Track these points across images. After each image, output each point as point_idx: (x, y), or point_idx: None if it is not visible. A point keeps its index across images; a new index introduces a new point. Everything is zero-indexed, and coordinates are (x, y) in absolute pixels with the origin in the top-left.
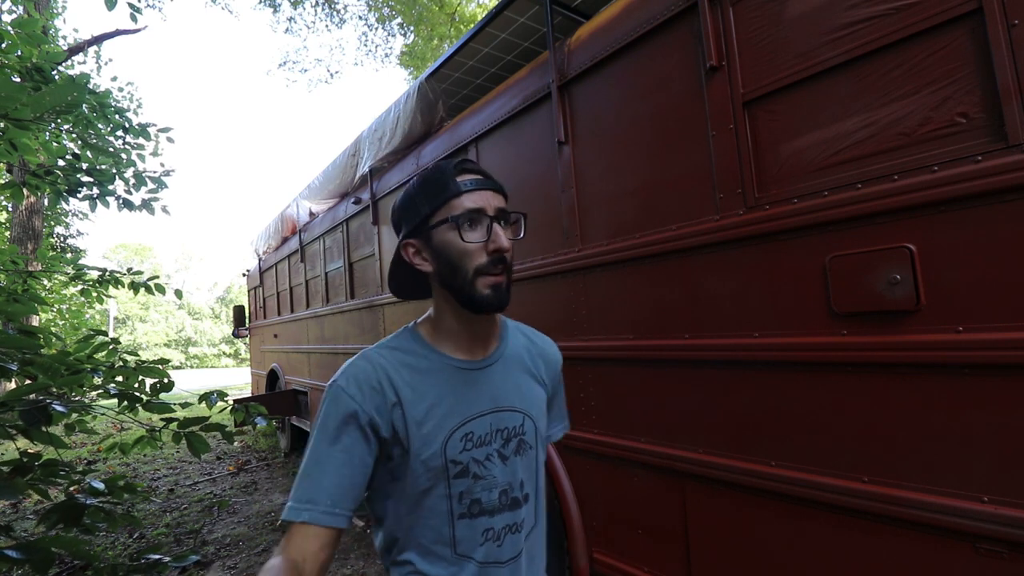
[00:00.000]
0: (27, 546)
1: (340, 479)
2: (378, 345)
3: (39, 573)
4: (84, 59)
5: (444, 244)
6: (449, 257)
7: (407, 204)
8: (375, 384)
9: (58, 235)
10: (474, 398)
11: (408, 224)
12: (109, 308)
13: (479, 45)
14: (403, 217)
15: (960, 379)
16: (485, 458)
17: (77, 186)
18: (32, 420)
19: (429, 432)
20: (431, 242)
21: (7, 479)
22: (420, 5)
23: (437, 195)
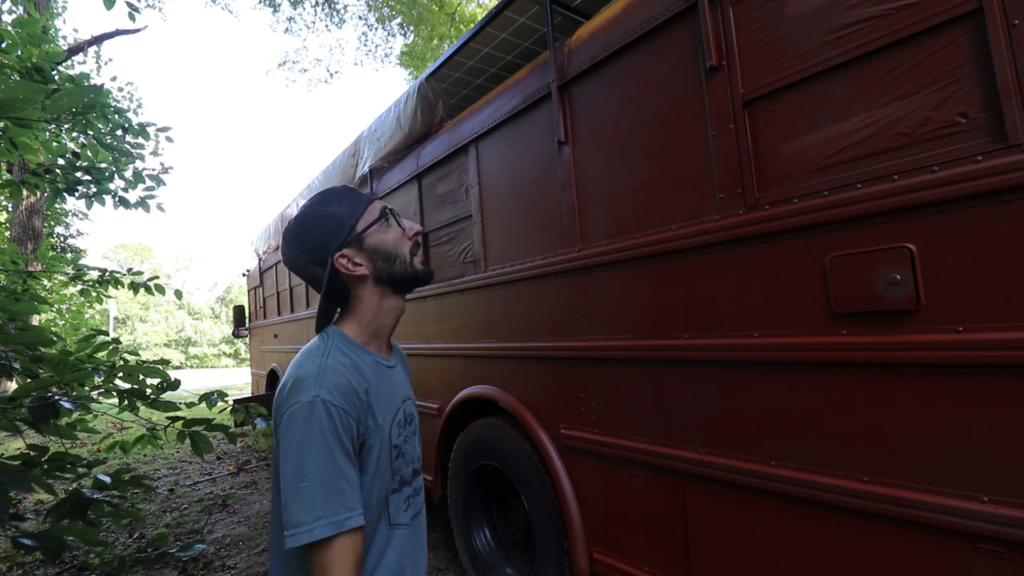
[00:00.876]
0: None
1: (353, 484)
2: (331, 351)
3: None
4: (84, 59)
5: (377, 243)
6: (386, 251)
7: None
8: (352, 391)
9: (58, 235)
10: (394, 390)
11: (333, 241)
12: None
13: (479, 45)
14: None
15: (960, 379)
16: (404, 440)
17: (75, 184)
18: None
19: (380, 424)
20: (363, 246)
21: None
22: (420, 5)
23: (354, 209)
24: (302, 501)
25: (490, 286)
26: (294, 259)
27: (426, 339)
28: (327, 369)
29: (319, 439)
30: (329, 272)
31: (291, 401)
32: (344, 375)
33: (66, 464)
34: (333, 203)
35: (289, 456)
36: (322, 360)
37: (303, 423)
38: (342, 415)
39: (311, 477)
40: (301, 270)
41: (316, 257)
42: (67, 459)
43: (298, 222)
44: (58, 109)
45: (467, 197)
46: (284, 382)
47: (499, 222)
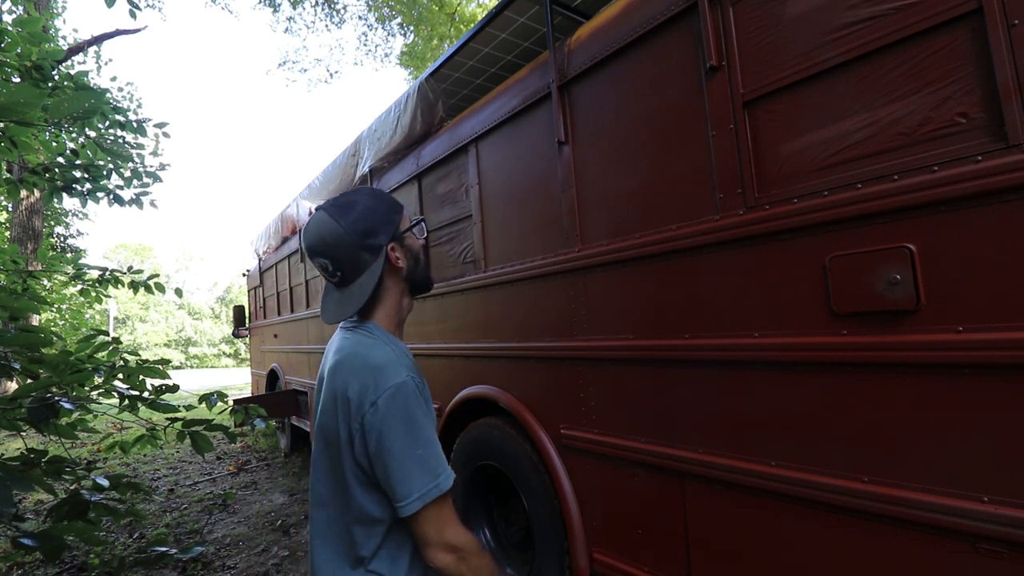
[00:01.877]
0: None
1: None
2: (387, 339)
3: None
4: (84, 59)
5: (411, 245)
6: (416, 253)
7: (380, 216)
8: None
9: (58, 235)
10: None
11: (387, 233)
12: (109, 308)
13: (479, 45)
14: (377, 228)
15: (960, 379)
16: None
17: (72, 183)
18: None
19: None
20: (404, 244)
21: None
22: (420, 5)
23: (398, 211)
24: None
25: (490, 286)
26: (344, 241)
27: (426, 339)
28: (398, 354)
29: (417, 414)
30: (383, 261)
31: (384, 386)
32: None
33: (65, 467)
34: (384, 200)
35: (396, 432)
36: (387, 348)
37: (403, 402)
38: (425, 390)
39: (423, 445)
40: (346, 252)
41: (370, 243)
42: (66, 462)
43: (356, 206)
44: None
45: (467, 197)
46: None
47: (499, 222)
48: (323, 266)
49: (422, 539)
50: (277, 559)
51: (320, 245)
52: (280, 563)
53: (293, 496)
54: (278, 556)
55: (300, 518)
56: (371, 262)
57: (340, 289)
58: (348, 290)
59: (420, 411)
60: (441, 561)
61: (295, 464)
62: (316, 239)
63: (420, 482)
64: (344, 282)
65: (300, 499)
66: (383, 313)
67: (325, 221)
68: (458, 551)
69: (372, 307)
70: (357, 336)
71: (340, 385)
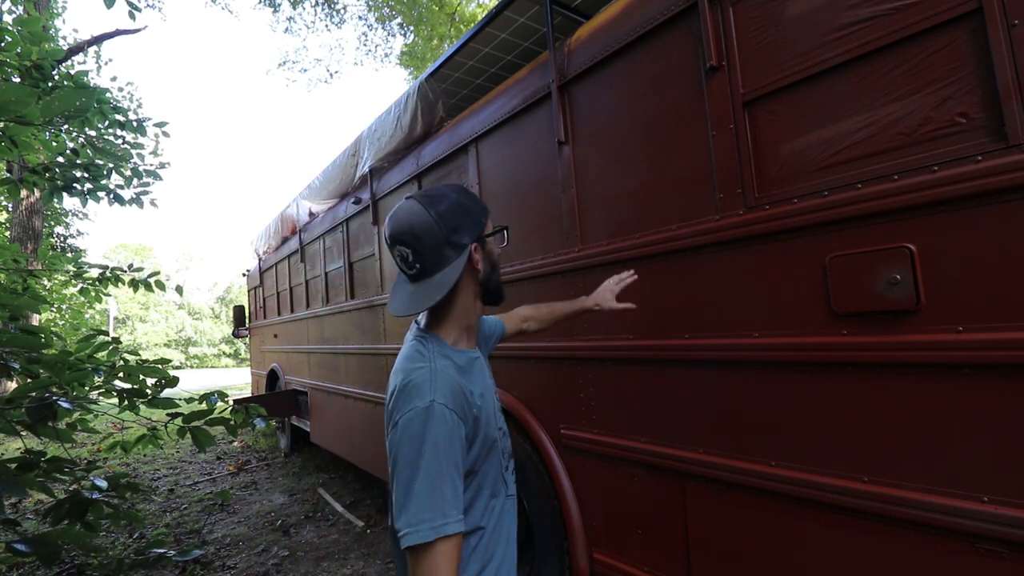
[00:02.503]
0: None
1: (456, 490)
2: (435, 355)
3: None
4: (84, 59)
5: (491, 250)
6: (494, 260)
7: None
8: (460, 392)
9: (58, 235)
10: (486, 376)
11: (473, 232)
12: (109, 308)
13: (479, 45)
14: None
15: (960, 379)
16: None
17: (72, 182)
18: (38, 416)
19: (486, 416)
20: (484, 247)
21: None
22: (420, 5)
23: (485, 213)
24: (410, 504)
25: None
26: (433, 231)
27: None
28: (437, 373)
29: (432, 445)
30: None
31: (408, 406)
32: (451, 377)
33: (64, 468)
34: (474, 199)
35: (405, 459)
36: (431, 365)
37: (420, 428)
38: (454, 418)
39: (420, 481)
40: (431, 243)
41: (455, 239)
42: (64, 463)
43: (448, 199)
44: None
45: None
46: (395, 387)
47: (499, 222)
48: (403, 255)
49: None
50: (277, 559)
51: (406, 233)
52: (280, 563)
53: (293, 496)
54: (278, 556)
55: (300, 518)
56: (453, 258)
57: (415, 282)
58: (424, 284)
59: (432, 445)
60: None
61: (295, 464)
62: (404, 226)
63: (415, 521)
64: (422, 275)
65: (300, 499)
66: (453, 316)
67: (416, 209)
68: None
69: (443, 308)
70: (413, 349)
71: (388, 392)
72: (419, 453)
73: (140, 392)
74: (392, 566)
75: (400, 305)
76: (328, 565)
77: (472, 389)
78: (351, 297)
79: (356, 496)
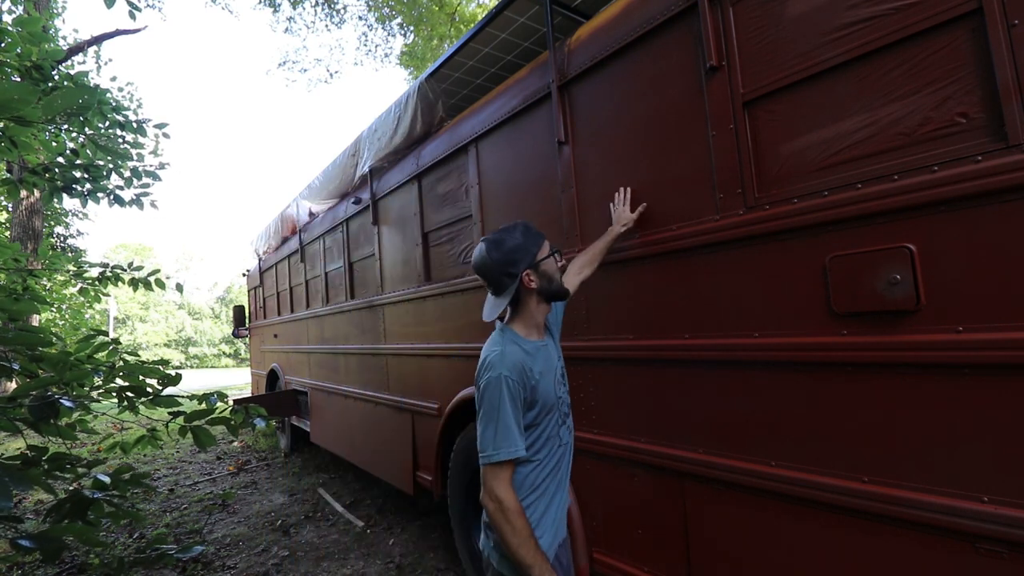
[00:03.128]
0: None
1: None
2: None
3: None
4: (84, 59)
5: (546, 269)
6: (550, 275)
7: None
8: (522, 369)
9: (58, 235)
10: (551, 359)
11: (526, 262)
12: (109, 308)
13: (479, 45)
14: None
15: (960, 379)
16: (563, 390)
17: (72, 182)
18: (41, 415)
19: (544, 387)
20: (539, 270)
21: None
22: (420, 5)
23: (536, 242)
24: (495, 440)
25: None
26: (491, 268)
27: (426, 339)
28: (505, 355)
29: (500, 400)
30: (517, 284)
31: (487, 375)
32: (518, 357)
33: (66, 464)
34: (529, 235)
35: (486, 411)
36: (502, 349)
37: (494, 391)
38: (514, 384)
39: (497, 423)
40: (493, 276)
41: (508, 271)
42: (67, 459)
43: (503, 245)
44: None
45: (467, 197)
46: (481, 361)
47: (499, 222)
48: (482, 282)
49: (482, 484)
50: (277, 559)
51: (479, 269)
52: (280, 563)
53: (293, 496)
54: (278, 556)
55: (300, 518)
56: (509, 284)
57: (492, 297)
58: (495, 299)
59: (500, 400)
60: (487, 506)
61: (295, 464)
62: (476, 265)
63: (487, 447)
64: (495, 292)
65: (300, 499)
66: (521, 317)
67: (481, 252)
68: (499, 504)
69: (515, 312)
70: (493, 337)
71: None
72: (494, 407)
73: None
74: (391, 566)
75: (485, 312)
76: (328, 565)
77: (533, 367)
78: (351, 297)
79: (356, 496)
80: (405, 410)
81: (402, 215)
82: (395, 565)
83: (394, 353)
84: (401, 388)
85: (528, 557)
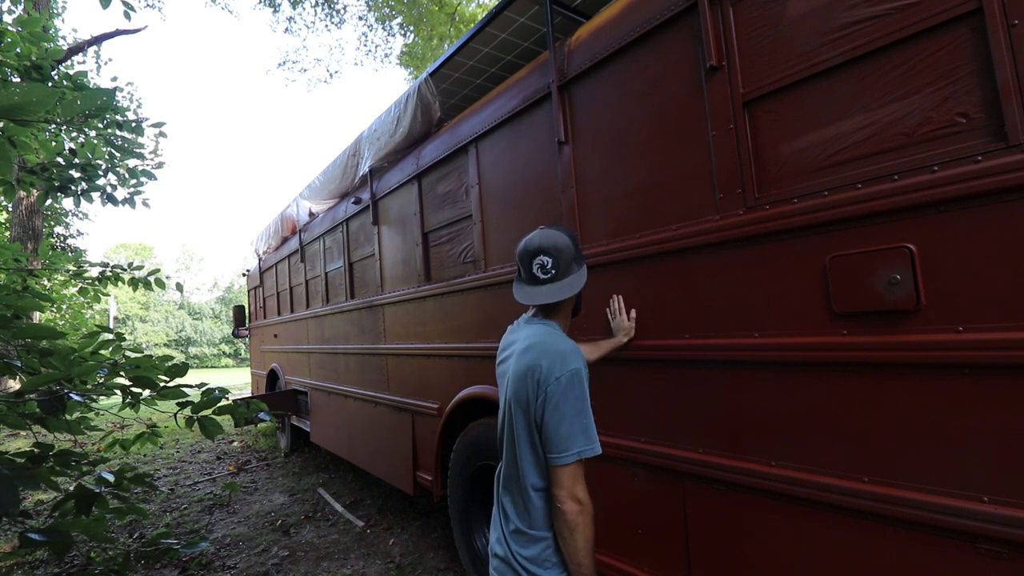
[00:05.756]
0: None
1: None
2: (567, 339)
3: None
4: (84, 59)
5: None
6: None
7: (580, 248)
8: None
9: (58, 235)
10: None
11: (584, 259)
12: (109, 307)
13: (479, 45)
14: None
15: (960, 379)
16: None
17: (68, 182)
18: (50, 409)
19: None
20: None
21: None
22: (420, 5)
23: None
24: (586, 433)
25: (490, 286)
26: (570, 248)
27: (426, 339)
28: (577, 348)
29: (585, 394)
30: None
31: (568, 366)
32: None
33: (71, 461)
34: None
35: (572, 403)
36: (571, 342)
37: (581, 383)
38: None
39: (587, 417)
40: (565, 257)
41: (579, 260)
42: (72, 456)
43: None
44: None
45: (467, 197)
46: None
47: (499, 222)
48: (543, 264)
49: (561, 485)
50: (277, 559)
51: (551, 247)
52: (280, 563)
53: (293, 496)
54: (278, 556)
55: (300, 518)
56: (576, 271)
57: (547, 284)
58: (557, 284)
59: (586, 393)
60: (568, 506)
61: (295, 464)
62: (550, 241)
63: (580, 442)
64: (555, 279)
65: (300, 499)
66: (562, 314)
67: (559, 233)
68: (581, 505)
69: (556, 310)
70: (547, 328)
71: (532, 361)
72: (581, 400)
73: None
74: (391, 566)
75: (532, 296)
76: (328, 565)
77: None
78: (351, 297)
79: (356, 496)
80: (405, 410)
81: (402, 215)
82: (395, 565)
83: (394, 353)
84: (401, 388)
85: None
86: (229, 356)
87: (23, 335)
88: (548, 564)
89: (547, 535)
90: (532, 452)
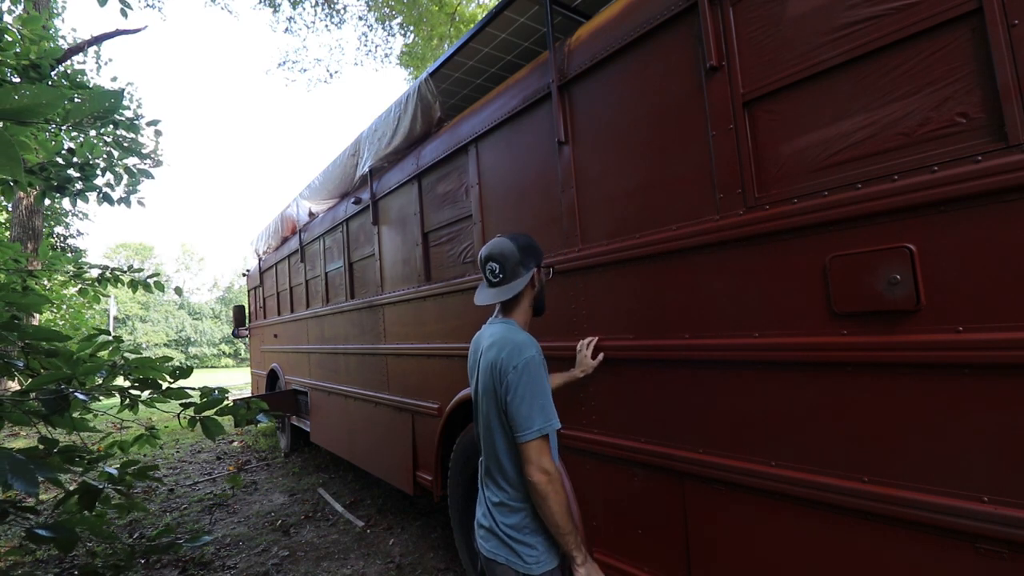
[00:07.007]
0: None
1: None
2: (523, 332)
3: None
4: (84, 59)
5: (542, 279)
6: (543, 287)
7: (535, 252)
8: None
9: (58, 235)
10: None
11: (535, 262)
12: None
13: (479, 45)
14: (533, 257)
15: (960, 379)
16: None
17: (66, 182)
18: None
19: None
20: (538, 274)
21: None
22: (420, 5)
23: (542, 255)
24: (544, 412)
25: None
26: (511, 255)
27: (426, 339)
28: (531, 338)
29: (543, 377)
30: (530, 277)
31: (523, 355)
32: (537, 344)
33: (75, 456)
34: (536, 244)
35: (531, 387)
36: (525, 334)
37: (536, 368)
38: (544, 363)
39: (544, 397)
40: (510, 263)
41: (525, 262)
42: (76, 452)
43: (520, 240)
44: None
45: (467, 197)
46: (503, 347)
47: (499, 222)
48: (492, 269)
49: (528, 460)
50: (277, 559)
51: (498, 254)
52: (280, 563)
53: (293, 496)
54: (278, 556)
55: (300, 518)
56: (523, 274)
57: (496, 287)
58: (504, 287)
59: (543, 376)
60: (536, 477)
61: (295, 464)
62: (497, 249)
63: (539, 421)
64: (502, 282)
65: (300, 499)
66: (518, 312)
67: (505, 241)
68: (549, 474)
69: (513, 308)
70: (506, 325)
71: (495, 355)
72: (538, 382)
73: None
74: (391, 566)
75: (484, 299)
76: (328, 565)
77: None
78: (351, 297)
79: (356, 496)
80: (405, 410)
81: (402, 215)
82: (395, 565)
83: (394, 353)
84: (401, 388)
85: (570, 524)
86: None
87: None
88: (527, 530)
89: (525, 506)
90: (504, 435)
